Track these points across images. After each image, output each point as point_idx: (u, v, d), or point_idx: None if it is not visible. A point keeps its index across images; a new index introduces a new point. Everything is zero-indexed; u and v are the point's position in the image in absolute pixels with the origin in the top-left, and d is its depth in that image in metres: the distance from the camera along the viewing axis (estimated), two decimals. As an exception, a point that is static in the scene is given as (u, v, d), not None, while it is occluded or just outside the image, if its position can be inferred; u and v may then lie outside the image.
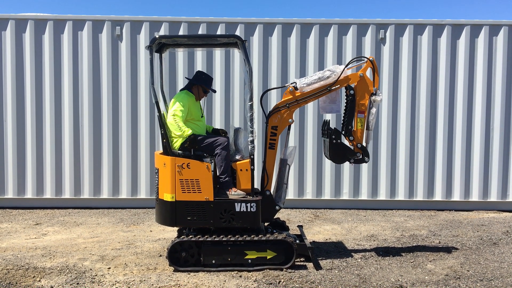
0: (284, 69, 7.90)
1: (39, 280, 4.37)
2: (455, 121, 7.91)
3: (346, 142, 5.07)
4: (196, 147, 4.76)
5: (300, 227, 5.68)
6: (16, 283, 4.31)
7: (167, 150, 4.72)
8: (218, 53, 7.84)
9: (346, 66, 4.97)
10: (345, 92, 5.06)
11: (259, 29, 7.86)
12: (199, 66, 7.83)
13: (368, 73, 5.04)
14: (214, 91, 5.30)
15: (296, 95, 4.96)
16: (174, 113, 4.72)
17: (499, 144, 7.88)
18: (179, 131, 4.69)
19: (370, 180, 7.95)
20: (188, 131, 4.71)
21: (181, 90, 5.09)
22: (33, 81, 7.84)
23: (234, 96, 7.89)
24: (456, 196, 7.94)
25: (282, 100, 4.99)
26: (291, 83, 5.05)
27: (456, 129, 7.91)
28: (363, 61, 5.11)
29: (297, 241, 4.93)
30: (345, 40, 7.89)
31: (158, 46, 5.02)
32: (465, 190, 7.94)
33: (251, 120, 4.74)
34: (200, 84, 5.03)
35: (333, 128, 5.02)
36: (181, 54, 7.80)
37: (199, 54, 7.85)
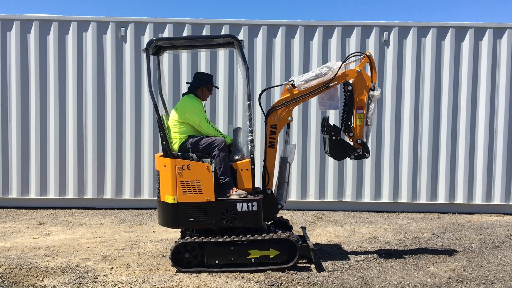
0: (288, 71, 7.90)
1: (42, 280, 4.39)
2: (458, 123, 7.89)
3: (346, 138, 5.06)
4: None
5: (303, 228, 5.67)
6: (19, 282, 4.33)
7: (167, 152, 4.73)
8: (222, 53, 7.86)
9: (344, 62, 4.96)
10: (343, 88, 5.04)
11: (263, 30, 7.87)
12: (203, 67, 7.85)
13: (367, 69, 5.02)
14: (217, 87, 5.33)
15: (294, 93, 4.95)
16: (200, 123, 4.81)
17: (503, 147, 7.86)
18: (220, 134, 4.91)
19: (373, 183, 7.93)
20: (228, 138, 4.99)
21: (185, 95, 5.05)
22: (38, 82, 7.88)
23: (238, 97, 7.90)
24: (460, 199, 7.92)
25: (280, 98, 4.99)
26: (289, 81, 5.04)
27: (460, 131, 7.89)
28: (360, 57, 5.10)
29: (300, 242, 4.93)
30: (348, 42, 7.90)
31: (155, 48, 5.01)
32: (469, 193, 7.92)
33: (250, 119, 4.75)
34: (205, 85, 5.05)
35: (332, 124, 5.01)
36: (184, 55, 7.83)
37: (203, 55, 7.87)
